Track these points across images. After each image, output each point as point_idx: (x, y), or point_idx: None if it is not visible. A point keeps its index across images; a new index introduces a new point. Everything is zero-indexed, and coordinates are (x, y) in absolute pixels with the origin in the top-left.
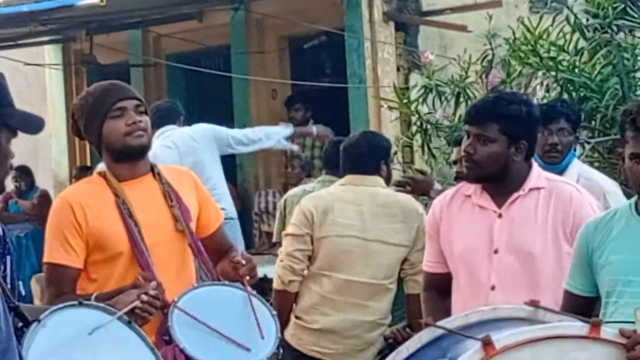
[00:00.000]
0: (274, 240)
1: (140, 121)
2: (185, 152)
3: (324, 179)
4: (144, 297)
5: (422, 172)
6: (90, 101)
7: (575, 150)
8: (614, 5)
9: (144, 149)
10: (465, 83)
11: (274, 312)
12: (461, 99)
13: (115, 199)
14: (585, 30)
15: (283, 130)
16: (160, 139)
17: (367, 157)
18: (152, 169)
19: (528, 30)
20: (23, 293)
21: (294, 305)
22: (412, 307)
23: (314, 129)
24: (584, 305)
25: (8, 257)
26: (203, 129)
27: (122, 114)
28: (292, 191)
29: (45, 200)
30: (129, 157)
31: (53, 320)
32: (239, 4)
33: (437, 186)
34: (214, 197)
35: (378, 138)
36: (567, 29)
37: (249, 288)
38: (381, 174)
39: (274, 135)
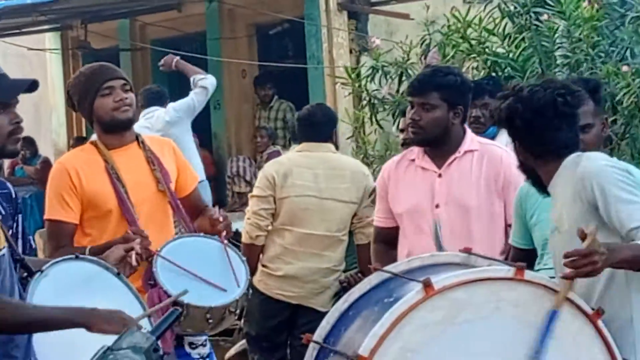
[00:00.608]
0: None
1: (126, 98)
2: (158, 129)
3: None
4: (135, 248)
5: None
6: (83, 80)
7: None
8: None
9: (130, 121)
10: (407, 64)
11: (244, 259)
12: (403, 78)
13: (105, 164)
14: (513, 16)
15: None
16: (143, 119)
17: (320, 126)
18: (137, 138)
19: (460, 19)
20: (34, 246)
21: (261, 255)
22: (361, 256)
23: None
24: (526, 256)
25: (19, 216)
26: (173, 107)
27: (111, 92)
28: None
29: (46, 166)
30: (117, 129)
31: (53, 271)
32: None
33: None
34: None
35: (328, 110)
36: (496, 14)
37: (225, 240)
38: (332, 141)
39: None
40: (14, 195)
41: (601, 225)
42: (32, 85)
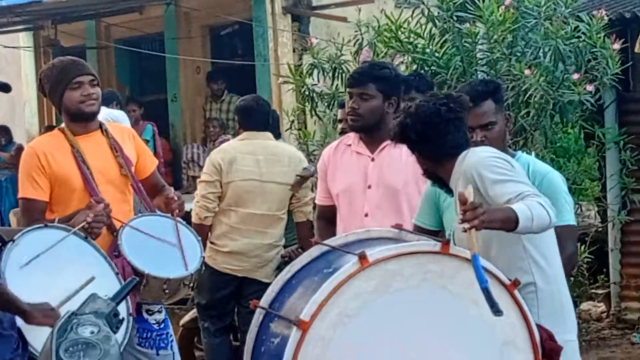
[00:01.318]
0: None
1: (93, 93)
2: None
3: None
4: (91, 216)
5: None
6: (55, 73)
7: None
8: (455, 1)
9: (95, 114)
10: (340, 60)
11: (199, 238)
12: (337, 73)
13: (71, 148)
14: (436, 21)
15: None
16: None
17: (258, 116)
18: (101, 126)
19: (391, 21)
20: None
21: (209, 234)
22: (301, 232)
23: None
24: (430, 235)
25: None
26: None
27: (79, 86)
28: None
29: (20, 152)
30: (83, 119)
31: (25, 239)
32: (171, 0)
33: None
34: None
35: (263, 101)
36: (423, 19)
37: (177, 218)
38: (270, 129)
39: None
40: None
41: (488, 206)
42: (5, 88)
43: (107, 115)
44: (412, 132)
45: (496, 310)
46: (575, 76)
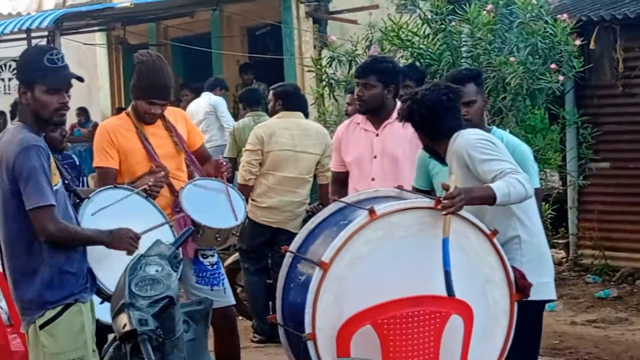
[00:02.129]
0: (225, 155)
1: (158, 114)
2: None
3: (252, 114)
4: (152, 181)
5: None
6: (144, 83)
7: None
8: (447, 6)
9: (153, 123)
10: (354, 55)
11: (243, 197)
12: (352, 65)
13: (135, 130)
14: (430, 22)
15: None
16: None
17: (295, 100)
18: None
19: (393, 23)
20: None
21: (251, 192)
22: (322, 192)
23: None
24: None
25: (83, 178)
26: (209, 98)
27: (152, 105)
28: (239, 123)
29: (96, 129)
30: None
31: (97, 196)
32: (216, 6)
33: None
34: None
35: (298, 89)
36: (419, 22)
37: (226, 182)
38: (302, 110)
39: None
40: (77, 163)
41: (477, 181)
42: (80, 79)
43: (208, 100)
44: (417, 115)
45: (450, 293)
46: (553, 66)
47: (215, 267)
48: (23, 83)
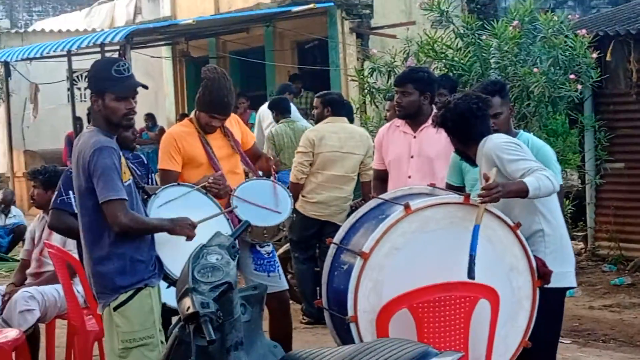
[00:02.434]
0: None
1: (218, 127)
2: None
3: (285, 121)
4: (211, 179)
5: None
6: (207, 98)
7: None
8: (477, 22)
9: (212, 132)
10: (393, 66)
11: (290, 193)
12: (391, 75)
13: (198, 135)
14: (462, 37)
15: None
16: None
17: (341, 107)
18: None
19: (429, 37)
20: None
21: (302, 190)
22: (364, 189)
23: None
24: (457, 191)
25: (152, 175)
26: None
27: (212, 118)
28: (276, 129)
29: (162, 132)
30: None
31: (163, 192)
32: (269, 23)
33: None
34: None
35: (342, 97)
36: (452, 36)
37: (275, 179)
38: (347, 116)
39: None
40: (145, 162)
41: (506, 180)
42: (145, 87)
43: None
44: (450, 121)
45: (470, 276)
46: (572, 77)
47: (270, 255)
48: (94, 92)
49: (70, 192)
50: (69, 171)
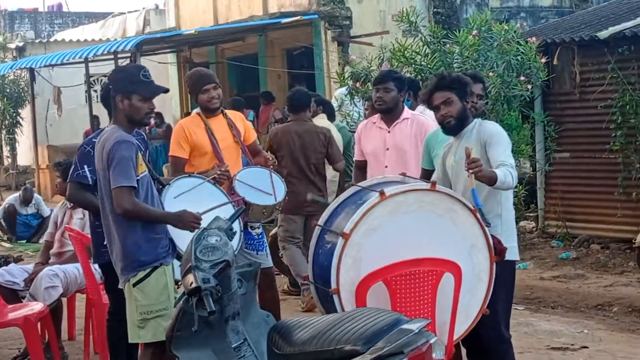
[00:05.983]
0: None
1: (214, 96)
2: None
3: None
4: (219, 172)
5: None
6: (192, 81)
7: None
8: (442, 31)
9: (217, 108)
10: (370, 70)
11: (283, 180)
12: (368, 78)
13: (204, 126)
14: (429, 44)
15: None
16: None
17: (330, 106)
18: (222, 111)
19: (400, 45)
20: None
21: None
22: (340, 180)
23: None
24: (429, 174)
25: (147, 151)
26: None
27: (206, 91)
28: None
29: (169, 129)
30: (209, 112)
31: (176, 183)
32: (262, 33)
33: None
34: None
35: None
36: (420, 43)
37: (271, 169)
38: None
39: None
40: (146, 139)
41: (486, 162)
42: (166, 91)
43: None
44: (448, 76)
45: (487, 224)
46: (523, 78)
47: (260, 236)
48: (122, 92)
49: (85, 166)
50: (84, 146)
